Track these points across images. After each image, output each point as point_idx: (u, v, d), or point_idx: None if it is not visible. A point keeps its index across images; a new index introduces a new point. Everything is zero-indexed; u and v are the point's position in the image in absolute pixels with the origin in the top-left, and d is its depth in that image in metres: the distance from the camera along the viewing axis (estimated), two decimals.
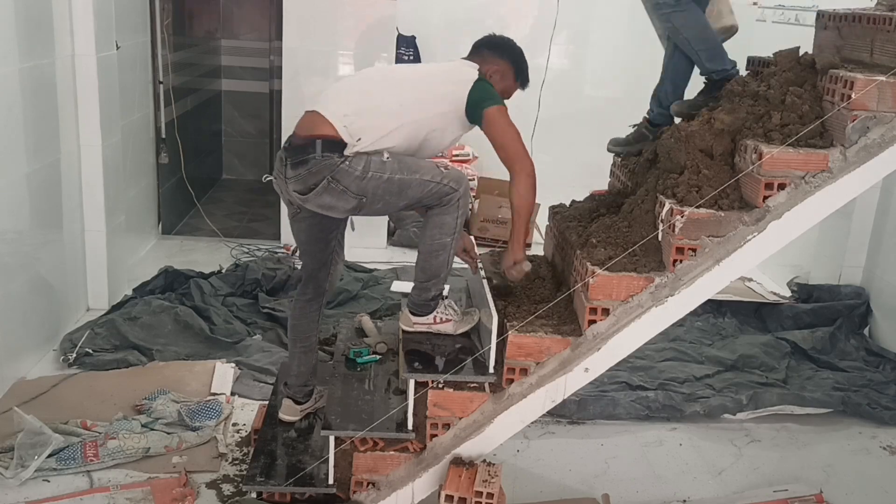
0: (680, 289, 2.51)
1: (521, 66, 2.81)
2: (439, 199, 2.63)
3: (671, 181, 2.69)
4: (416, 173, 2.59)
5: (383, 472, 2.67)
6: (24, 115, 3.61)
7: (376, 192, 2.56)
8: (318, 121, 2.58)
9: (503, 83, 2.77)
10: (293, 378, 3.01)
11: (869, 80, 2.45)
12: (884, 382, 3.99)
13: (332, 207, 2.61)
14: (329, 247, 2.88)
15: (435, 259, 2.69)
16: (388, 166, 2.56)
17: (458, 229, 2.68)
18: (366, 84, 2.76)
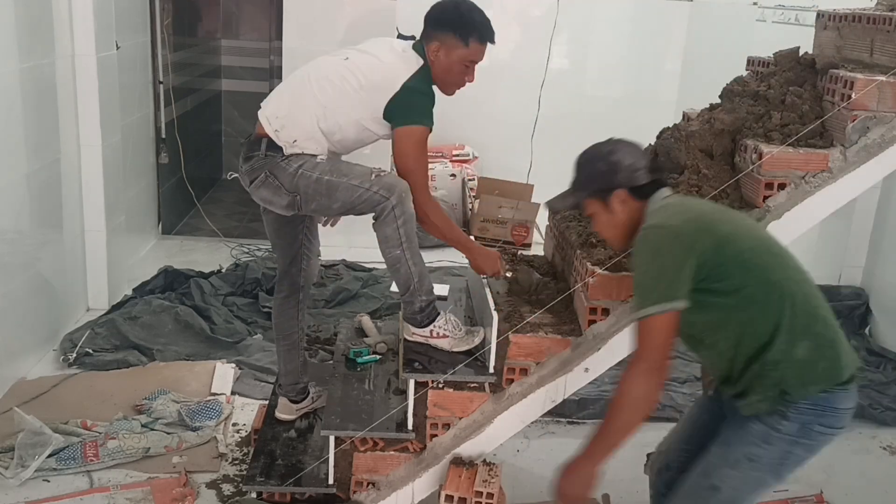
0: None
1: (461, 26, 2.55)
2: (372, 208, 2.56)
3: (671, 181, 2.68)
4: (346, 177, 2.55)
5: (383, 472, 2.67)
6: (24, 115, 3.61)
7: (307, 192, 2.56)
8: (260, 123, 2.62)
9: (452, 54, 2.57)
10: (283, 377, 3.03)
11: (869, 80, 2.45)
12: (884, 383, 3.99)
13: (271, 202, 2.63)
14: (296, 241, 2.89)
15: (398, 273, 2.64)
16: (319, 167, 2.56)
17: (404, 239, 2.57)
18: (301, 83, 2.66)
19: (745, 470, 1.99)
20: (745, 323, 1.97)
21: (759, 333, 1.95)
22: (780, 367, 1.94)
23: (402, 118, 2.53)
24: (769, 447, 1.97)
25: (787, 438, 1.95)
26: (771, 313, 1.94)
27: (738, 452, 2.01)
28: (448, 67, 2.59)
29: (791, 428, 1.95)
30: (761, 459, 1.97)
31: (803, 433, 1.95)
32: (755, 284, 1.96)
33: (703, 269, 1.94)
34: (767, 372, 1.95)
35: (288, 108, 2.63)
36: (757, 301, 1.95)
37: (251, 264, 4.88)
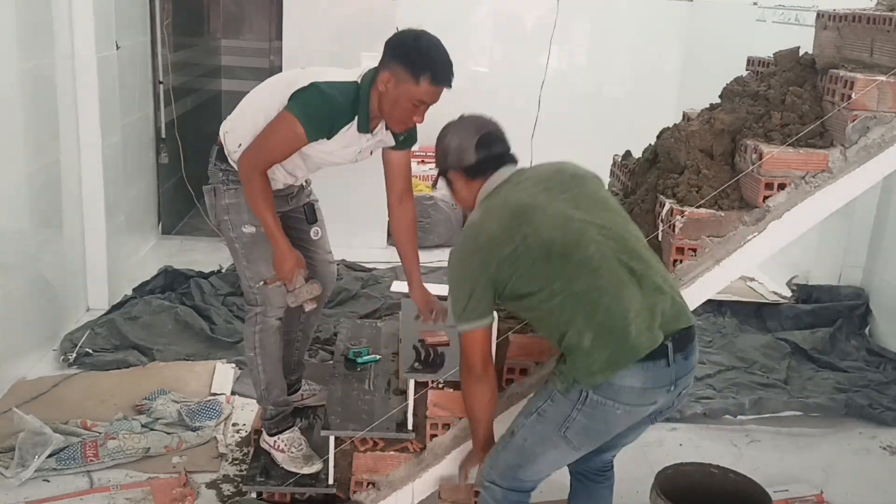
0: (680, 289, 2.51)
1: (418, 63, 2.35)
2: (246, 299, 2.77)
3: (671, 181, 2.69)
4: (245, 262, 2.69)
5: (383, 472, 2.67)
6: (23, 115, 3.61)
7: (224, 234, 2.71)
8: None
9: (399, 88, 2.38)
10: None
11: (869, 80, 2.46)
12: (884, 383, 3.99)
13: (209, 209, 2.73)
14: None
15: (251, 374, 2.86)
16: (239, 232, 2.66)
17: (258, 344, 2.75)
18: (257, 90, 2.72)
19: (533, 423, 2.15)
20: (542, 320, 2.15)
21: (554, 330, 2.11)
22: (573, 355, 2.07)
23: (293, 106, 2.42)
24: (553, 405, 2.11)
25: (566, 401, 2.08)
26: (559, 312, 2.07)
27: (532, 406, 2.18)
28: (395, 101, 2.41)
29: (571, 394, 2.07)
30: (546, 415, 2.12)
31: (581, 400, 2.05)
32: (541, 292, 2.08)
33: (499, 284, 2.12)
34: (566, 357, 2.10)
35: (240, 111, 2.70)
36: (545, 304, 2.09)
37: None
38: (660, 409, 2.13)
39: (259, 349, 2.75)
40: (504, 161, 2.29)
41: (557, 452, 2.16)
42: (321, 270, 2.90)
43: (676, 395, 2.11)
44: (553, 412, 2.11)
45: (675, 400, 2.13)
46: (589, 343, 2.03)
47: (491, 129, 2.30)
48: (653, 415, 2.16)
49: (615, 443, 2.29)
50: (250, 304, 2.74)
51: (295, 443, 2.82)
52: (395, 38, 2.46)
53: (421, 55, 2.38)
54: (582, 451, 2.18)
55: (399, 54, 2.40)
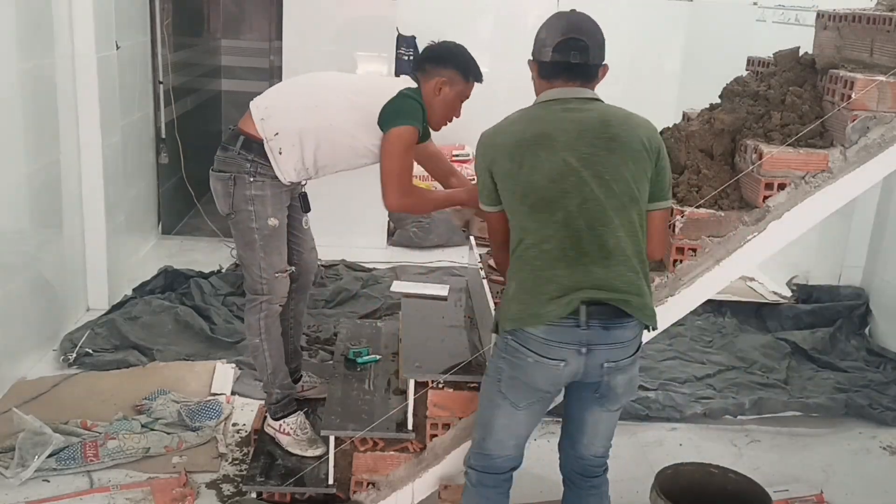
0: (680, 289, 2.51)
1: (465, 65, 2.73)
2: (250, 289, 2.82)
3: (579, 78, 2.65)
4: (262, 253, 2.75)
5: (383, 472, 2.67)
6: (23, 115, 3.61)
7: (239, 223, 2.75)
8: (247, 115, 2.73)
9: (454, 89, 2.72)
10: None
11: (869, 80, 2.46)
12: (884, 383, 3.99)
13: (218, 197, 2.78)
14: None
15: (256, 361, 2.91)
16: (262, 223, 2.72)
17: (263, 330, 2.82)
18: (297, 83, 2.86)
19: (483, 382, 2.29)
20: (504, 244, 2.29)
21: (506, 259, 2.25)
22: (504, 297, 2.19)
23: (396, 119, 2.62)
24: (492, 361, 2.23)
25: (497, 353, 2.20)
26: (513, 245, 2.18)
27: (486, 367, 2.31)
28: (448, 102, 2.73)
29: (500, 343, 2.18)
30: (489, 373, 2.25)
31: (504, 348, 2.16)
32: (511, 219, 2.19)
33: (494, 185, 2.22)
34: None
35: (277, 99, 2.76)
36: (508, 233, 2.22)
37: None
38: (584, 376, 2.13)
39: (265, 334, 2.83)
40: (576, 75, 2.21)
41: (502, 412, 2.22)
42: (307, 258, 3.02)
43: (600, 367, 2.10)
44: (491, 366, 2.22)
45: (600, 373, 2.12)
46: (511, 291, 2.15)
47: (578, 36, 2.19)
48: (590, 390, 2.18)
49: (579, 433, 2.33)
50: (255, 294, 2.80)
51: (301, 426, 2.90)
52: (437, 50, 2.76)
53: (465, 58, 2.74)
54: (521, 407, 2.20)
55: (446, 61, 2.72)
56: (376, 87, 2.70)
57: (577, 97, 2.20)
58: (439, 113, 2.75)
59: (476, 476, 2.33)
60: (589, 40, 2.20)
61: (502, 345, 2.16)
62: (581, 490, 2.42)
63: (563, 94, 2.20)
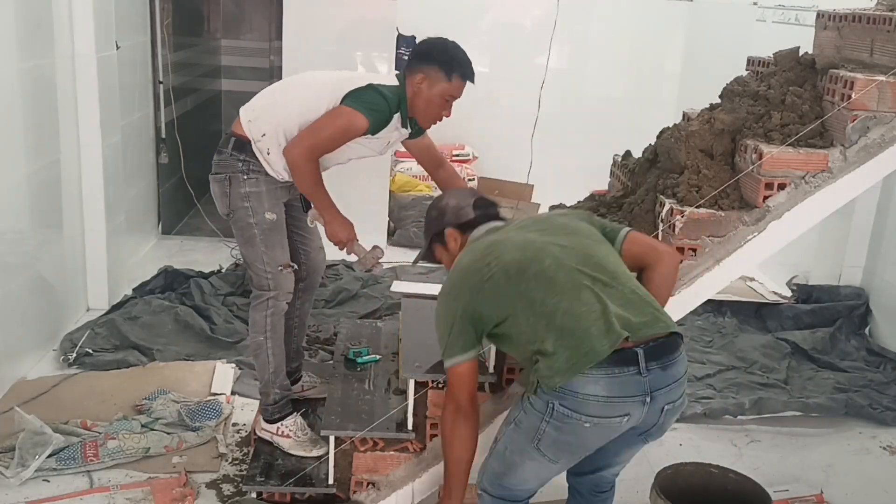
0: (680, 289, 2.51)
1: (448, 63, 2.68)
2: (256, 286, 2.81)
3: (671, 181, 2.69)
4: (263, 248, 2.75)
5: (383, 472, 2.67)
6: (23, 115, 3.61)
7: (238, 221, 2.76)
8: (238, 118, 2.79)
9: (434, 86, 2.68)
10: None
11: (869, 80, 2.46)
12: (885, 383, 3.99)
13: (216, 199, 2.80)
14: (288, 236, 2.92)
15: (258, 359, 2.88)
16: (260, 218, 2.73)
17: (269, 328, 2.81)
18: (283, 84, 2.90)
19: (511, 432, 2.14)
20: (517, 346, 2.16)
21: (525, 350, 2.11)
22: (538, 362, 2.05)
23: (350, 101, 2.61)
24: (526, 416, 2.09)
25: (535, 413, 2.05)
26: (526, 331, 2.07)
27: (511, 415, 2.17)
28: (429, 99, 2.69)
29: (538, 404, 2.04)
30: (521, 425, 2.10)
31: (548, 412, 2.01)
32: (510, 318, 2.10)
33: (475, 316, 2.14)
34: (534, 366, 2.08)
35: (265, 101, 2.79)
36: (515, 329, 2.11)
37: None
38: (642, 424, 2.05)
39: (270, 332, 2.82)
40: (495, 217, 2.44)
41: (536, 464, 2.12)
42: (314, 257, 3.03)
43: (659, 411, 2.03)
44: (526, 423, 2.08)
45: (659, 416, 2.04)
46: (551, 347, 2.01)
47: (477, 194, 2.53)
48: (639, 432, 2.10)
49: (608, 461, 2.27)
50: (262, 290, 2.80)
51: (301, 427, 2.89)
52: (423, 46, 2.78)
53: (450, 55, 2.69)
54: (561, 464, 2.15)
55: (430, 57, 2.70)
56: (350, 79, 2.70)
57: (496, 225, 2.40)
58: (421, 109, 2.72)
59: (491, 501, 2.25)
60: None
61: (544, 408, 2.01)
62: (588, 501, 2.40)
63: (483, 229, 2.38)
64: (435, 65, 2.67)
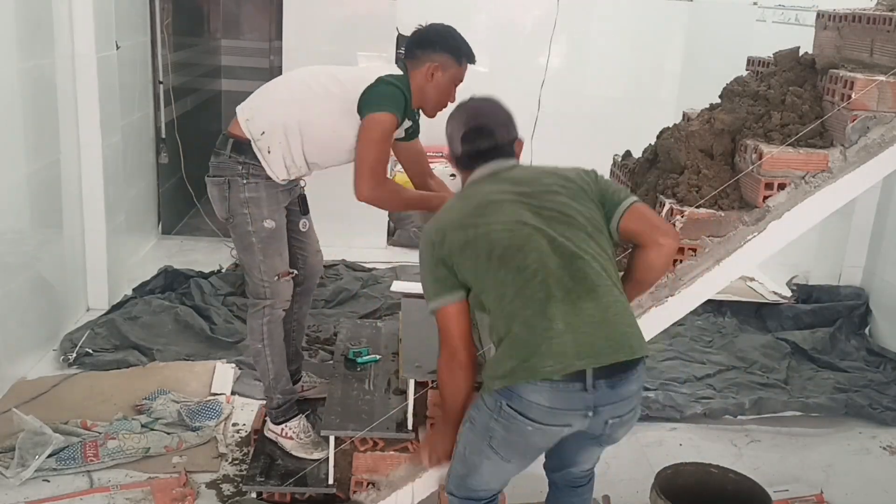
0: (680, 289, 2.51)
1: (456, 48, 2.67)
2: (253, 293, 2.79)
3: (671, 181, 2.69)
4: (261, 256, 2.72)
5: (383, 472, 2.67)
6: (23, 115, 3.61)
7: (237, 227, 2.72)
8: (235, 118, 2.74)
9: (447, 73, 2.66)
10: None
11: (869, 80, 2.46)
12: (885, 383, 3.99)
13: (215, 202, 2.76)
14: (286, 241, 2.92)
15: (258, 365, 2.88)
16: (259, 226, 2.68)
17: (266, 336, 2.79)
18: (280, 81, 2.86)
19: (468, 430, 2.16)
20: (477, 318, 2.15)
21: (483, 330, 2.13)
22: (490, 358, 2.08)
23: (371, 105, 2.56)
24: (479, 413, 2.10)
25: (487, 411, 2.06)
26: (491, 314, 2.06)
27: (469, 413, 2.17)
28: (442, 87, 2.67)
29: (489, 401, 2.05)
30: (475, 423, 2.12)
31: (496, 410, 2.02)
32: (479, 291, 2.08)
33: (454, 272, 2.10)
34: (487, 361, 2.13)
35: (262, 99, 2.75)
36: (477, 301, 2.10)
37: None
38: (589, 431, 2.05)
39: (267, 339, 2.81)
40: (490, 157, 2.23)
41: (492, 464, 2.12)
42: (311, 261, 3.01)
43: (604, 424, 2.02)
44: (479, 421, 2.09)
45: (604, 428, 2.04)
46: (501, 349, 2.02)
47: (482, 122, 2.24)
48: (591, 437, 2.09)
49: (571, 460, 2.27)
50: (258, 298, 2.78)
51: (303, 430, 2.89)
52: (426, 34, 2.71)
53: (457, 41, 2.69)
54: (515, 463, 2.13)
55: (437, 45, 2.67)
56: (354, 75, 2.65)
57: (500, 168, 2.22)
58: (433, 99, 2.69)
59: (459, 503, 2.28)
60: (492, 122, 2.25)
61: (494, 406, 2.02)
62: (563, 495, 2.40)
63: (485, 170, 2.22)
64: (444, 51, 2.65)
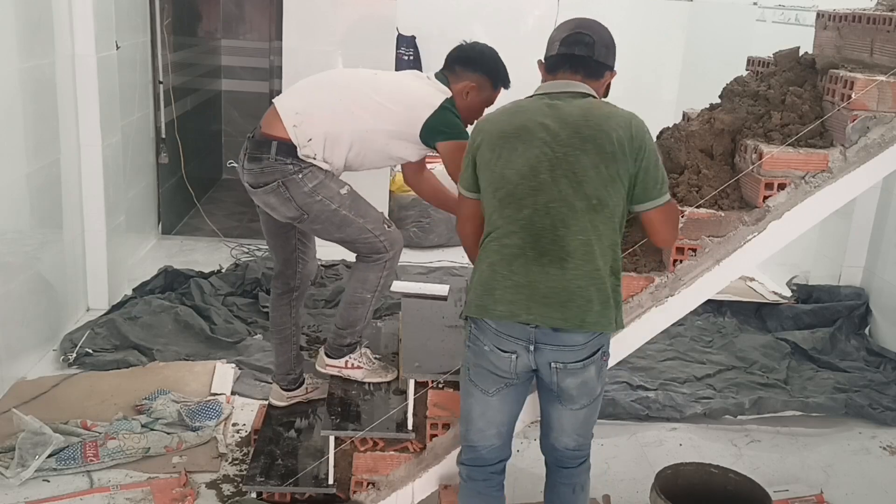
0: (680, 289, 2.51)
1: (496, 73, 2.72)
2: (369, 252, 2.73)
3: (671, 181, 2.68)
4: (362, 218, 2.68)
5: (383, 472, 2.67)
6: (24, 115, 3.61)
7: (319, 216, 2.65)
8: (274, 117, 2.64)
9: (481, 95, 2.71)
10: (276, 367, 3.13)
11: (869, 80, 2.45)
12: (884, 383, 3.99)
13: (275, 209, 2.69)
14: (290, 244, 2.93)
15: (354, 311, 2.82)
16: (338, 198, 2.65)
17: (379, 288, 2.77)
18: (325, 84, 2.77)
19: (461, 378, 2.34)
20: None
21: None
22: (468, 285, 2.27)
23: (444, 134, 2.62)
24: (465, 346, 2.28)
25: (466, 340, 2.26)
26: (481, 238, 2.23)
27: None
28: (473, 107, 2.71)
29: (467, 329, 2.25)
30: (463, 362, 2.32)
31: (468, 335, 2.24)
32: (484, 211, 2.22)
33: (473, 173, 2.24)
34: None
35: (309, 104, 2.66)
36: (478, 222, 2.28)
37: (251, 264, 4.88)
38: (545, 378, 2.19)
39: (379, 292, 2.79)
40: (577, 68, 2.25)
41: (476, 400, 2.26)
42: (309, 265, 3.02)
43: (548, 366, 2.14)
44: (464, 358, 2.29)
45: (552, 375, 2.16)
46: (473, 281, 2.21)
47: (587, 34, 2.26)
48: (548, 389, 2.22)
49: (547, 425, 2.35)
50: (379, 253, 2.72)
51: (368, 356, 2.91)
52: (470, 52, 2.72)
53: (498, 66, 2.72)
54: (491, 393, 2.24)
55: (479, 65, 2.70)
56: (413, 97, 2.64)
57: (568, 91, 2.21)
58: (463, 117, 2.69)
59: (466, 471, 2.36)
60: (596, 37, 2.26)
61: (467, 332, 2.24)
62: (555, 477, 2.44)
63: (555, 86, 2.22)
64: (484, 74, 2.69)
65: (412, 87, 2.69)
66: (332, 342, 2.89)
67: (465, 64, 2.70)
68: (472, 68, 2.69)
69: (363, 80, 2.72)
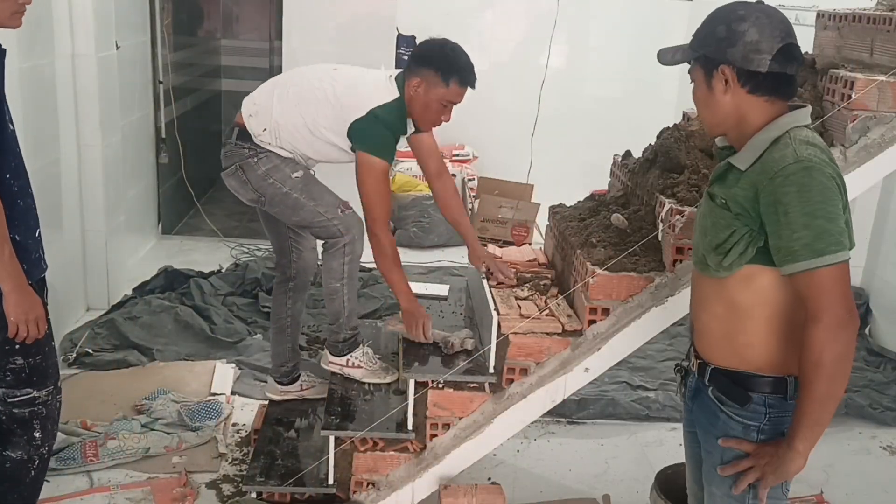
0: (680, 289, 2.51)
1: (446, 68, 2.63)
2: (327, 237, 2.75)
3: (671, 181, 2.68)
4: (314, 201, 2.71)
5: (383, 472, 2.67)
6: (23, 115, 3.60)
7: (273, 199, 2.73)
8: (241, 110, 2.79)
9: (431, 92, 2.65)
10: (272, 358, 3.17)
11: (869, 80, 2.45)
12: (884, 383, 3.99)
13: (238, 192, 2.79)
14: (282, 234, 2.96)
15: (332, 303, 2.84)
16: (290, 182, 2.71)
17: (346, 275, 2.77)
18: (286, 79, 2.89)
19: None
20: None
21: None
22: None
23: (363, 144, 2.63)
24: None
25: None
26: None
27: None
28: (426, 104, 2.67)
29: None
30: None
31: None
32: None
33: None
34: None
35: (266, 97, 2.78)
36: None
37: (251, 264, 4.88)
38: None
39: (347, 279, 2.79)
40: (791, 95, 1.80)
41: None
42: (306, 256, 3.03)
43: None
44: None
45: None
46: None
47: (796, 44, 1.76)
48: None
49: None
50: (334, 237, 2.74)
51: (370, 357, 2.90)
52: (421, 48, 2.75)
53: (448, 60, 2.64)
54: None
55: (427, 61, 2.66)
56: (356, 97, 2.66)
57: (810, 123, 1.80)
58: (418, 113, 2.69)
59: None
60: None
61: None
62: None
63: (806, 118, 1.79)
64: (432, 69, 2.64)
65: (362, 85, 2.72)
66: (330, 339, 2.92)
67: (417, 60, 2.70)
68: (421, 64, 2.67)
69: (318, 75, 2.79)
